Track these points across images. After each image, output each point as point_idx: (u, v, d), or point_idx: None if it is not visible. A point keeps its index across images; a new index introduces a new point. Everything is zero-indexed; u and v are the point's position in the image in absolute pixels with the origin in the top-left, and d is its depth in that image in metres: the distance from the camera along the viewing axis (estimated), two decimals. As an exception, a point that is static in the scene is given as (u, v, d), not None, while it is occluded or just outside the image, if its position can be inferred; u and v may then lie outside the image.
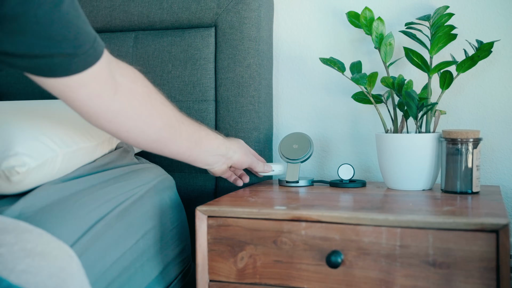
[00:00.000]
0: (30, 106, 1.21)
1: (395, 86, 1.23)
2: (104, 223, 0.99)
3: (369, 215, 0.96)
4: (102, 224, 0.98)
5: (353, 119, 1.44)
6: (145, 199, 1.13)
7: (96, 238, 0.95)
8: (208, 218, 1.06)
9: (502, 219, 0.89)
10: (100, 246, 0.96)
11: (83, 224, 0.94)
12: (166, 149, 1.05)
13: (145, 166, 1.22)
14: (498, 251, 0.89)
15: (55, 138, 1.03)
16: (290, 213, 1.01)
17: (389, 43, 1.27)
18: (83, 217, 0.96)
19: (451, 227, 0.91)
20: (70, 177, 1.06)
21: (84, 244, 0.92)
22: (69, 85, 0.82)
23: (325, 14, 1.46)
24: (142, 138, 1.00)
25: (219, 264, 1.05)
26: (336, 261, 0.96)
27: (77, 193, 1.01)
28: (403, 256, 0.94)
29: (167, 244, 1.17)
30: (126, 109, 0.94)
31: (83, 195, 1.00)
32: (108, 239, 0.99)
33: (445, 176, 1.15)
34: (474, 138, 1.13)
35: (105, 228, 0.98)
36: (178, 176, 1.42)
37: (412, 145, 1.17)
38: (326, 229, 0.99)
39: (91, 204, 0.99)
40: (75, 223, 0.93)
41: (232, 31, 1.37)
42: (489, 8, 1.33)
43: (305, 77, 1.48)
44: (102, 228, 0.98)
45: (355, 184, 1.26)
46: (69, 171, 1.07)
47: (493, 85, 1.34)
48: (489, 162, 1.34)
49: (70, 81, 0.82)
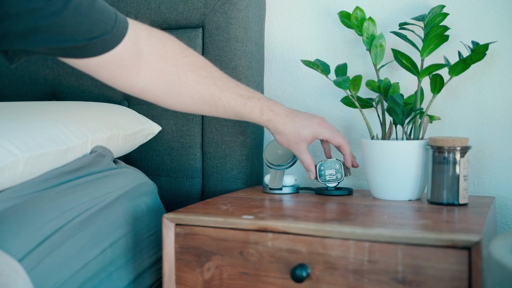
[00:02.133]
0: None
1: (381, 90, 1.16)
2: (63, 234, 0.95)
3: (336, 227, 0.90)
4: (60, 235, 0.94)
5: (346, 124, 1.38)
6: (115, 206, 1.09)
7: (52, 250, 0.92)
8: (175, 226, 1.02)
9: (474, 235, 0.82)
10: (56, 258, 0.92)
11: (38, 235, 0.91)
12: (205, 113, 1.14)
13: (120, 171, 1.18)
14: (470, 270, 0.82)
15: (17, 142, 0.99)
16: (256, 223, 0.96)
17: (380, 45, 1.21)
18: (39, 228, 0.92)
19: (420, 242, 0.85)
20: (33, 183, 1.02)
21: (36, 257, 0.88)
22: (89, 67, 0.94)
23: (319, 14, 1.40)
24: (176, 108, 1.10)
25: (186, 274, 1.01)
26: (301, 275, 0.91)
27: (37, 201, 0.97)
28: (371, 272, 0.88)
29: (141, 252, 1.14)
30: (151, 88, 1.03)
31: (43, 203, 0.97)
32: (66, 250, 0.95)
33: (431, 186, 1.08)
34: (462, 146, 1.05)
35: (63, 238, 0.95)
36: (164, 180, 1.39)
37: (397, 153, 1.11)
38: (292, 241, 0.93)
39: (50, 214, 0.95)
40: (29, 234, 0.90)
41: (219, 32, 1.33)
42: (489, 8, 1.25)
43: (298, 79, 1.42)
44: (59, 239, 0.94)
45: (341, 192, 1.20)
46: (35, 176, 1.04)
47: (492, 89, 1.26)
48: (487, 171, 1.26)
49: (90, 63, 0.93)
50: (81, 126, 1.14)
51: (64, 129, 1.09)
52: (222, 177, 1.34)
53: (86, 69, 0.95)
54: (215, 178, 1.35)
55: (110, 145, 1.21)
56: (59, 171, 1.07)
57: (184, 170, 1.37)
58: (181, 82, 1.05)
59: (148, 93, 1.04)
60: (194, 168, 1.36)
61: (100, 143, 1.18)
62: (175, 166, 1.38)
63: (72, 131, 1.11)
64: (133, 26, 0.97)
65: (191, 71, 1.05)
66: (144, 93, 1.04)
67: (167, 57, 1.02)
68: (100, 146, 1.18)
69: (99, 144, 1.18)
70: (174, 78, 1.04)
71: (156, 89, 1.04)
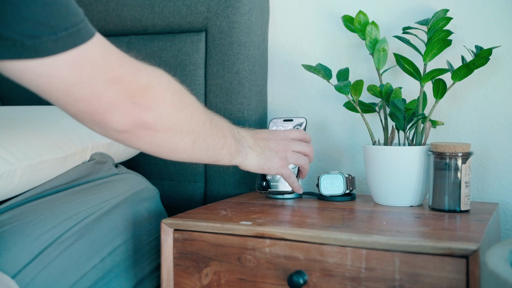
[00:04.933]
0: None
1: (383, 95, 1.15)
2: (60, 244, 0.94)
3: (333, 234, 0.90)
4: (57, 246, 0.93)
5: (349, 128, 1.37)
6: (114, 213, 1.08)
7: (48, 262, 0.91)
8: (174, 232, 1.02)
9: (472, 244, 0.81)
10: (53, 270, 0.91)
11: (34, 248, 0.90)
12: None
13: (121, 177, 1.17)
14: (468, 279, 0.81)
15: (13, 150, 0.97)
16: (253, 229, 0.95)
17: (383, 49, 1.20)
18: (35, 239, 0.91)
19: (417, 250, 0.84)
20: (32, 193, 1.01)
21: (32, 271, 0.87)
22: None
23: (323, 18, 1.39)
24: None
25: (184, 280, 1.01)
26: (298, 282, 0.90)
27: (33, 211, 0.96)
28: (369, 279, 0.87)
29: (142, 258, 1.13)
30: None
31: (39, 213, 0.96)
32: (64, 261, 0.94)
33: (433, 192, 1.07)
34: (463, 152, 1.04)
35: (60, 249, 0.94)
36: (167, 184, 1.39)
37: (398, 159, 1.10)
38: (290, 247, 0.93)
39: (46, 224, 0.94)
40: (24, 247, 0.89)
41: (222, 36, 1.32)
42: (493, 12, 1.24)
43: (301, 83, 1.42)
44: (56, 250, 0.93)
45: (343, 198, 1.19)
46: (33, 185, 1.01)
47: (496, 94, 1.24)
48: (491, 177, 1.25)
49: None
50: (81, 132, 1.13)
51: (63, 136, 1.08)
52: (224, 182, 1.34)
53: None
54: (217, 182, 1.34)
55: (111, 151, 1.20)
56: (57, 180, 1.06)
57: (187, 174, 1.37)
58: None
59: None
60: (197, 172, 1.36)
61: (101, 150, 1.17)
62: (177, 170, 1.38)
63: (71, 138, 1.09)
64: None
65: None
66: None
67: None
68: (98, 153, 1.17)
69: (99, 151, 1.17)
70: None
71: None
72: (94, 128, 0.80)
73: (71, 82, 0.72)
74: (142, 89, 0.79)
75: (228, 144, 1.01)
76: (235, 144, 1.03)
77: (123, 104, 0.77)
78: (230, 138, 1.01)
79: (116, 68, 0.77)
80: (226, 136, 1.00)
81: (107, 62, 0.76)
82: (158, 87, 0.83)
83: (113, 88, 0.76)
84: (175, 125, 0.86)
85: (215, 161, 1.01)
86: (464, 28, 1.26)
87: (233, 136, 1.02)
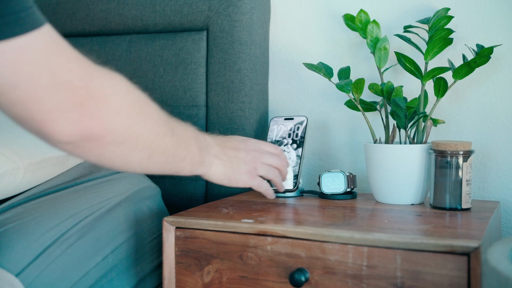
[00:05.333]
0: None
1: (384, 93, 1.15)
2: (63, 243, 0.94)
3: (335, 232, 0.90)
4: (60, 244, 0.94)
5: (350, 127, 1.38)
6: (116, 211, 1.08)
7: (51, 261, 0.91)
8: (176, 230, 1.02)
9: (473, 241, 0.82)
10: (56, 269, 0.92)
11: (37, 246, 0.90)
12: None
13: (122, 175, 1.17)
14: (469, 276, 0.82)
15: (16, 148, 0.98)
16: (255, 227, 0.95)
17: (384, 48, 1.20)
18: (38, 238, 0.91)
19: (419, 248, 0.84)
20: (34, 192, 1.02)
21: (35, 270, 0.88)
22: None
23: (324, 17, 1.39)
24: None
25: (186, 278, 1.01)
26: (300, 279, 0.90)
27: (36, 210, 0.96)
28: (370, 277, 0.88)
29: (143, 256, 1.13)
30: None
31: (42, 212, 0.96)
32: (67, 259, 0.94)
33: (434, 190, 1.07)
34: (465, 150, 1.04)
35: (63, 248, 0.94)
36: (168, 182, 1.39)
37: (399, 157, 1.10)
38: (291, 245, 0.93)
39: (49, 223, 0.94)
40: (27, 246, 0.89)
41: (223, 35, 1.33)
42: (495, 11, 1.24)
43: (303, 82, 1.42)
44: (59, 248, 0.93)
45: (344, 196, 1.19)
46: (36, 183, 1.02)
47: (497, 93, 1.25)
48: (492, 175, 1.25)
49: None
50: None
51: None
52: (226, 180, 1.34)
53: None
54: (219, 181, 1.34)
55: None
56: (59, 178, 1.06)
57: (188, 173, 1.37)
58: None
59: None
60: (198, 171, 1.36)
61: None
62: (179, 168, 1.38)
63: None
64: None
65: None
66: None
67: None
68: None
69: None
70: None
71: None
72: (37, 136, 0.69)
73: (4, 81, 0.61)
74: (93, 97, 0.69)
75: (191, 155, 0.94)
76: (198, 154, 0.96)
77: (68, 113, 0.66)
78: (194, 148, 0.95)
79: (65, 72, 0.66)
80: (189, 147, 0.94)
81: (54, 63, 0.64)
82: (113, 96, 0.73)
83: (58, 94, 0.65)
84: (129, 139, 0.77)
85: (174, 172, 0.94)
86: (465, 26, 1.26)
87: (197, 146, 0.96)
